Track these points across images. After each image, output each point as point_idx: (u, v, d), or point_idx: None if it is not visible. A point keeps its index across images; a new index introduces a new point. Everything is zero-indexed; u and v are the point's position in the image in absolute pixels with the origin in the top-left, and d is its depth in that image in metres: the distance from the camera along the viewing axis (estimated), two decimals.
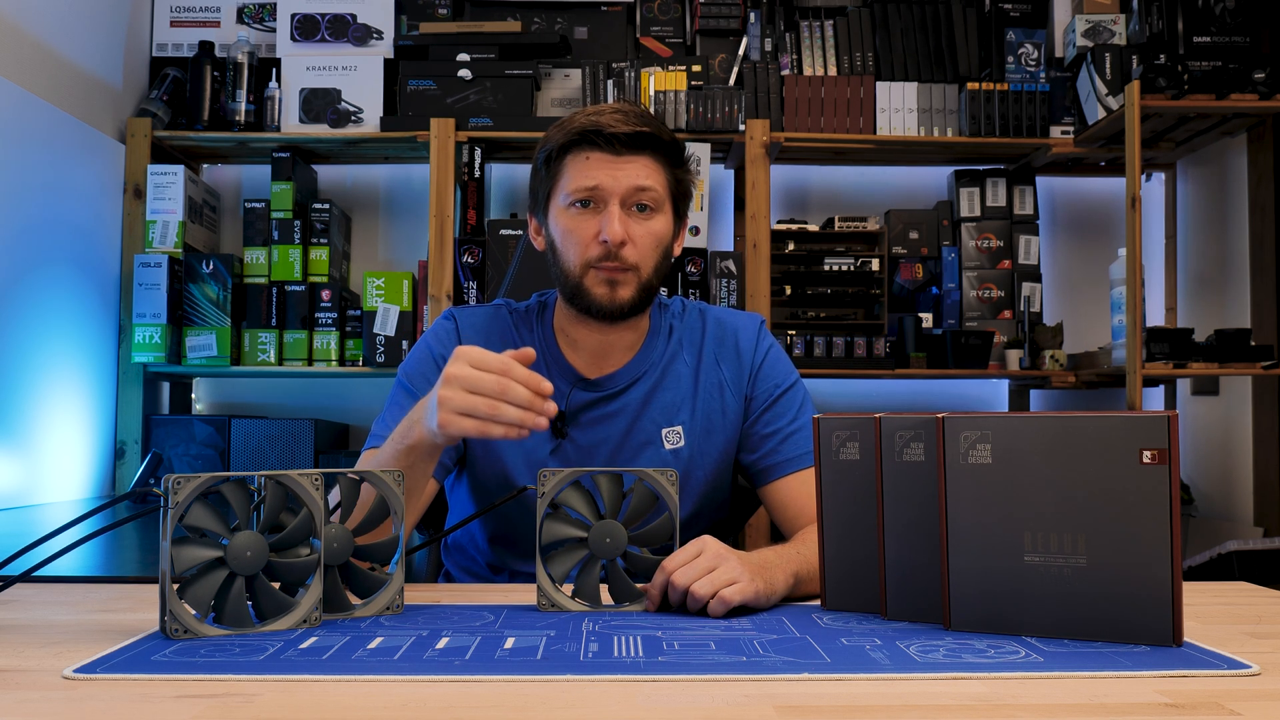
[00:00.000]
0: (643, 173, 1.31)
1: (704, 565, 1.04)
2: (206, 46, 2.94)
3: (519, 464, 1.36)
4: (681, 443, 1.38)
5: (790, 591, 1.11)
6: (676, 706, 0.71)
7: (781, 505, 1.37)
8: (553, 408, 1.08)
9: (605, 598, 1.08)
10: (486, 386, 1.06)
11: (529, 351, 1.11)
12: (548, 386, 1.07)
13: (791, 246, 2.93)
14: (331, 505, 1.02)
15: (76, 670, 0.79)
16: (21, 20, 2.43)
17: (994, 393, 3.22)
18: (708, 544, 1.07)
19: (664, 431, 1.38)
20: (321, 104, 2.90)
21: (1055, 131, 2.96)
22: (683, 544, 1.08)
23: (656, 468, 1.11)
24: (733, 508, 1.52)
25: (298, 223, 2.89)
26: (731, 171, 3.14)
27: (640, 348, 1.40)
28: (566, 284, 1.34)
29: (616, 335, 1.38)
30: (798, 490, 1.35)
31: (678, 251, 1.41)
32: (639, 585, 1.07)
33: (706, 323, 1.45)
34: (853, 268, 2.92)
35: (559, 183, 1.33)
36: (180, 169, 2.84)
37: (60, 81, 2.58)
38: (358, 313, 2.89)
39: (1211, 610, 1.08)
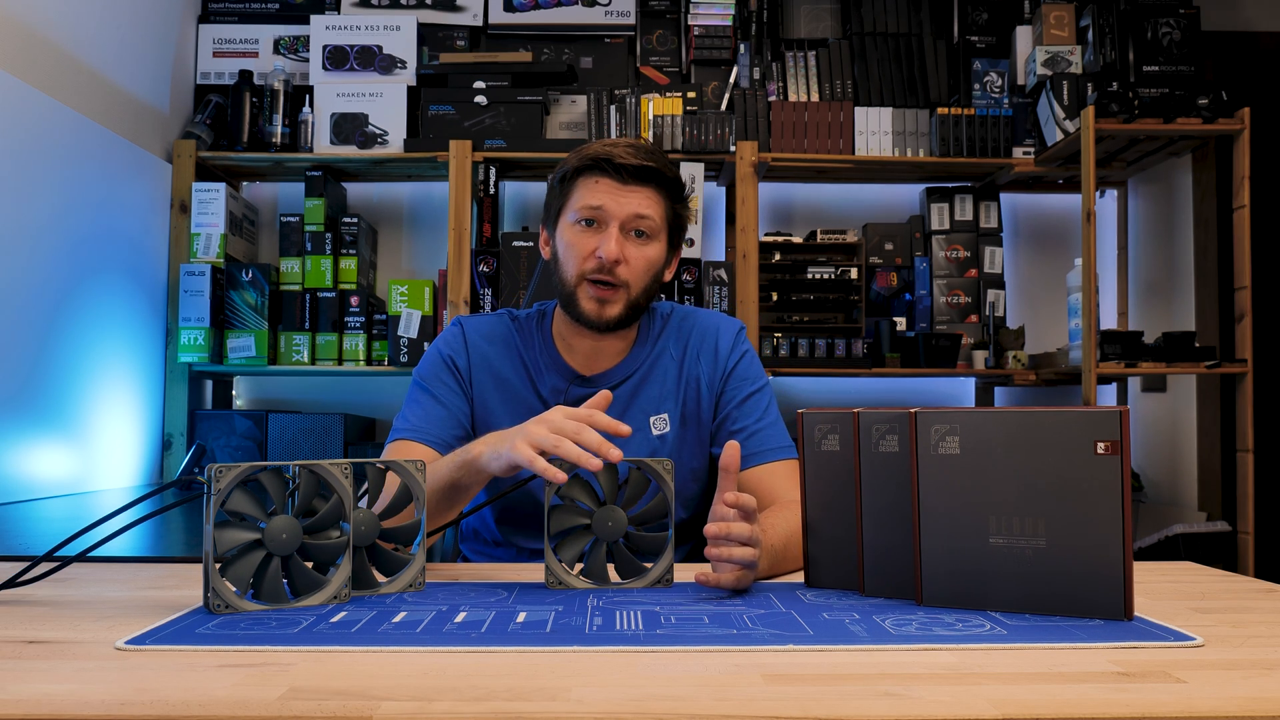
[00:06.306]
0: (645, 203, 1.33)
1: (743, 535, 1.00)
2: (246, 75, 2.94)
3: None
4: (668, 429, 1.40)
5: (768, 570, 1.10)
6: (673, 675, 0.71)
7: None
8: (617, 453, 1.03)
9: (613, 575, 1.08)
10: (566, 430, 1.04)
11: (606, 394, 1.12)
12: (625, 429, 1.05)
13: (778, 256, 2.93)
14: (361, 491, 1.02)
15: (128, 642, 0.79)
16: (78, 52, 2.43)
17: (962, 390, 3.22)
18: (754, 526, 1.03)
19: (652, 419, 1.40)
20: (350, 127, 2.90)
21: (1017, 152, 2.95)
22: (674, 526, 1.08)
23: (653, 458, 1.10)
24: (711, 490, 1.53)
25: (329, 235, 2.88)
26: (723, 188, 3.13)
27: (629, 351, 1.42)
28: (563, 292, 1.36)
29: (607, 342, 1.40)
30: (762, 481, 1.35)
31: (668, 276, 1.42)
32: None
33: (693, 322, 1.47)
34: (833, 276, 2.92)
35: (569, 200, 1.35)
36: (222, 186, 2.83)
37: (113, 107, 2.58)
38: (383, 317, 2.89)
39: (1160, 588, 1.08)
